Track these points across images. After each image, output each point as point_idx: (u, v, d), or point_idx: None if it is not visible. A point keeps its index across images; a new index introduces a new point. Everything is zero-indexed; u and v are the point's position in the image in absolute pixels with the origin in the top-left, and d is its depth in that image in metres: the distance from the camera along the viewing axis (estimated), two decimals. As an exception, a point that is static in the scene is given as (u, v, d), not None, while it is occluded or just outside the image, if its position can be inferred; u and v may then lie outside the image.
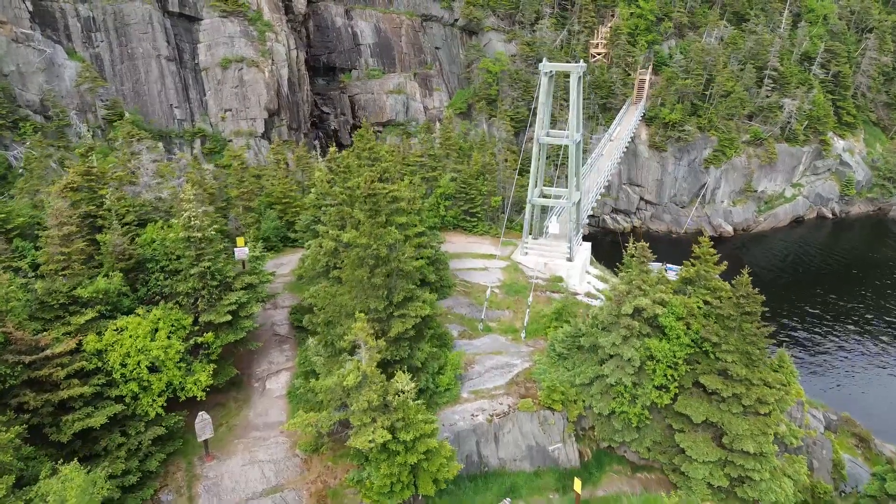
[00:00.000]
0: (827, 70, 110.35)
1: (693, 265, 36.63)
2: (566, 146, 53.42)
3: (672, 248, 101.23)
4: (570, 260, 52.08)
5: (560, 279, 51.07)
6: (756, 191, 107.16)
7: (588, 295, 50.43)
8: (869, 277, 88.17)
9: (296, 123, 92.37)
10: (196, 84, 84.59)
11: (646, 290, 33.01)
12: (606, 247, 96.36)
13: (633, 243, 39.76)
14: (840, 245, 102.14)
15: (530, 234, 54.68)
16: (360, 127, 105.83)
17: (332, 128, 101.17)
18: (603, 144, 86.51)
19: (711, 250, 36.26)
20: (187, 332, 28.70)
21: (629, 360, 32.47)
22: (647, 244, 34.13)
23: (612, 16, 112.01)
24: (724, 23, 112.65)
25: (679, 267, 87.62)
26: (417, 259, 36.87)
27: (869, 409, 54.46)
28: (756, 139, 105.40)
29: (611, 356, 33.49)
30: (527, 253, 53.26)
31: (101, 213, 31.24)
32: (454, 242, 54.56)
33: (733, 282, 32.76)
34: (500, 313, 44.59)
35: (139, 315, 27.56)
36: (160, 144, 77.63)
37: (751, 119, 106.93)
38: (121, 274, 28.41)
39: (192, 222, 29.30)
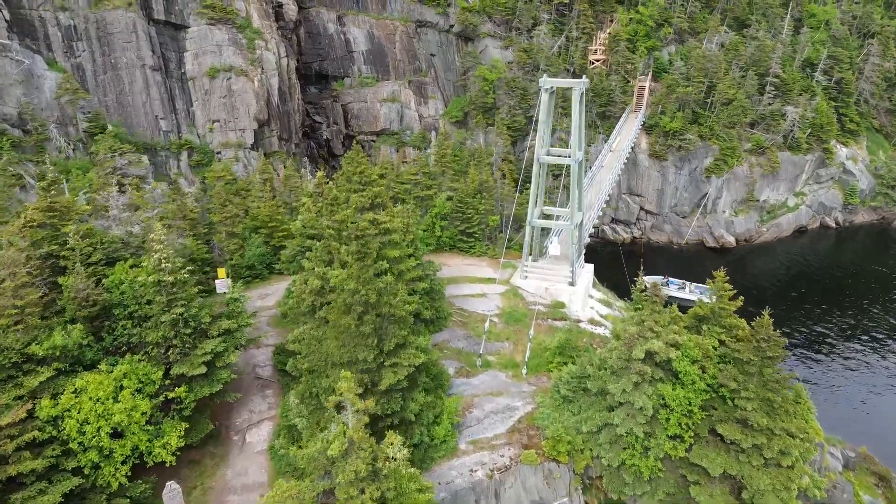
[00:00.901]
0: (830, 77, 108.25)
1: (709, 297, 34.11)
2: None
3: (673, 259, 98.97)
4: (572, 284, 49.53)
5: (562, 305, 48.52)
6: (758, 200, 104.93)
7: (591, 322, 47.90)
8: (875, 291, 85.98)
9: (286, 134, 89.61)
10: (183, 94, 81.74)
11: (658, 332, 30.48)
12: (606, 258, 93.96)
13: (643, 280, 37.28)
14: (844, 256, 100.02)
15: (530, 255, 52.18)
16: (353, 137, 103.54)
17: (325, 137, 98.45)
18: (603, 156, 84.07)
19: (727, 286, 33.74)
20: (157, 386, 26.01)
21: (641, 408, 29.95)
22: (659, 285, 31.44)
23: (611, 21, 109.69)
24: (724, 28, 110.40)
25: (681, 281, 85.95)
26: (411, 294, 34.31)
27: (886, 439, 52.07)
28: (758, 147, 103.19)
29: (620, 403, 30.96)
30: (527, 276, 50.71)
31: (64, 252, 28.53)
32: (450, 265, 51.95)
33: (753, 324, 30.27)
34: (499, 345, 42.02)
35: (102, 371, 24.85)
36: (144, 158, 74.89)
37: (753, 127, 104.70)
38: (81, 326, 25.70)
39: (163, 265, 26.59)
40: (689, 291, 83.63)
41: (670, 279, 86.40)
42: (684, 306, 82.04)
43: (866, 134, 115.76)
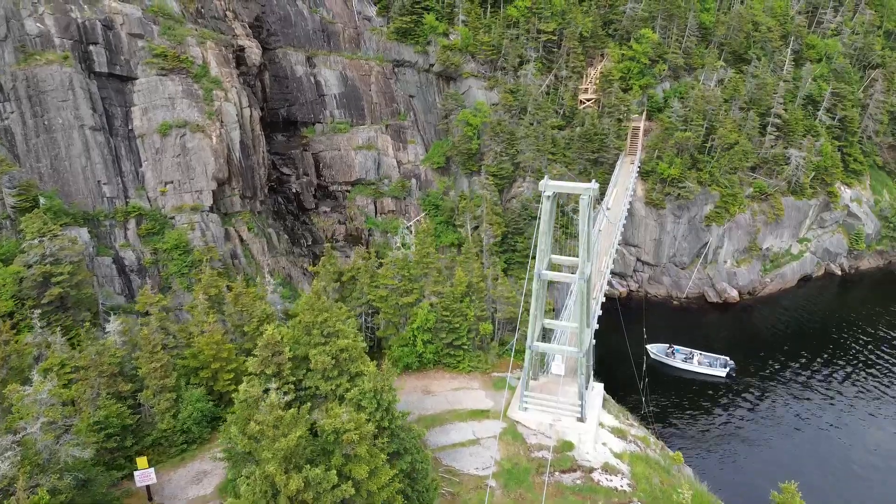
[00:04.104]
0: (833, 115, 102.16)
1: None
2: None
3: (674, 317, 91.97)
4: (581, 420, 41.67)
5: (570, 446, 40.71)
6: (761, 248, 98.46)
7: (606, 468, 40.04)
8: (885, 354, 79.84)
9: (250, 191, 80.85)
10: (130, 154, 72.62)
11: None
12: (602, 315, 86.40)
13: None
14: (851, 309, 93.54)
15: (530, 373, 44.23)
16: (325, 187, 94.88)
17: (294, 191, 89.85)
18: (601, 220, 76.47)
19: (798, 500, 26.05)
20: None
21: None
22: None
23: (602, 57, 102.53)
24: (721, 63, 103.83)
25: (688, 350, 78.66)
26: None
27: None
28: (760, 193, 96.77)
29: None
30: (527, 408, 42.75)
31: None
32: (435, 392, 43.87)
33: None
34: (498, 527, 33.99)
35: None
36: (84, 232, 65.89)
37: (754, 171, 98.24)
38: None
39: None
40: (698, 363, 76.74)
41: (675, 347, 79.49)
42: (692, 379, 75.75)
43: (869, 172, 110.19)
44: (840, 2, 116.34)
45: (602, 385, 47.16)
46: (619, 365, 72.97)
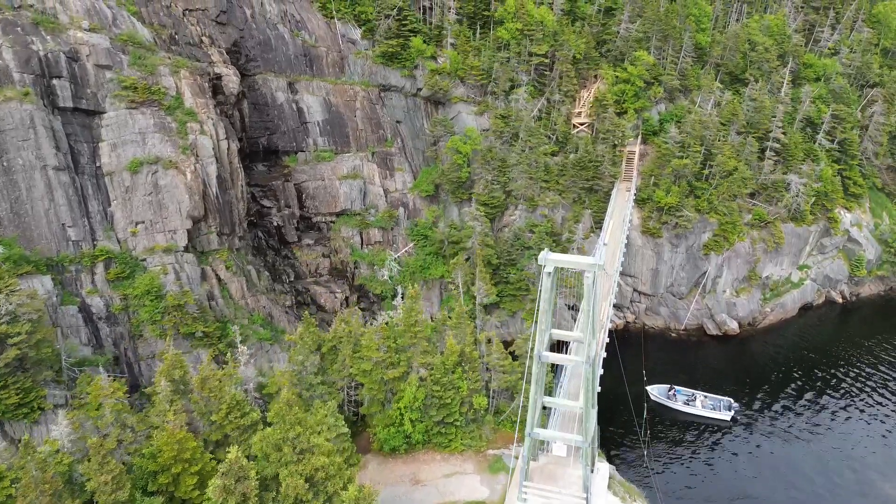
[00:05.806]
0: (832, 138, 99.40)
1: None
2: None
3: (674, 352, 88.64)
4: (585, 513, 37.92)
5: (574, 544, 36.95)
6: (761, 277, 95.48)
7: (614, 570, 36.35)
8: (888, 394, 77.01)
9: (228, 227, 76.42)
10: (98, 193, 67.96)
11: None
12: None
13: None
14: (856, 339, 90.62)
15: (528, 456, 40.39)
16: (308, 218, 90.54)
17: (275, 224, 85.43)
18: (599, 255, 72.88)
19: None
20: None
21: None
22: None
23: (596, 78, 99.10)
24: (717, 84, 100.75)
25: (690, 391, 75.27)
26: None
27: None
28: (760, 220, 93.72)
29: None
30: (526, 499, 38.91)
31: None
32: (425, 481, 39.91)
33: None
34: None
35: None
36: (44, 284, 61.21)
37: (753, 197, 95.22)
38: None
39: None
40: (701, 405, 73.44)
41: (677, 389, 76.20)
42: (695, 423, 72.27)
43: (868, 194, 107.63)
44: (837, 20, 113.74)
45: (607, 465, 43.44)
46: (618, 408, 69.55)
